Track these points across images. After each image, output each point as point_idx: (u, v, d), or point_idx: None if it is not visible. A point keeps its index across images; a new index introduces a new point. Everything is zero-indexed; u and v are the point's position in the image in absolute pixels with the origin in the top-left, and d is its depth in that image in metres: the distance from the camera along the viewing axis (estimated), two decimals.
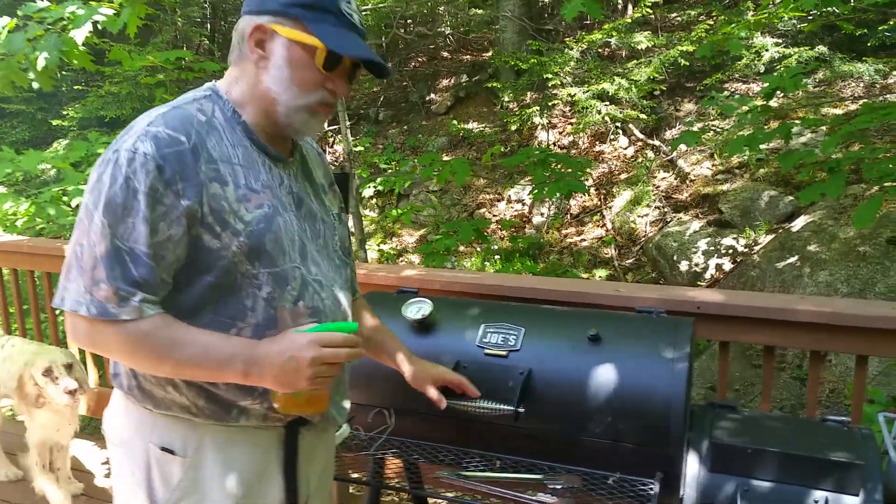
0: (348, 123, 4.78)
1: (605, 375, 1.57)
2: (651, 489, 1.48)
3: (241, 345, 1.13)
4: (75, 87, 10.89)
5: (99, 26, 3.07)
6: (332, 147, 9.08)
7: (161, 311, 1.10)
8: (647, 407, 1.53)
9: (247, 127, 1.19)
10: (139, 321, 1.08)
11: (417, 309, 1.75)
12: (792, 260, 4.61)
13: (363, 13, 8.20)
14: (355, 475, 1.68)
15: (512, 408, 1.52)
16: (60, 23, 3.08)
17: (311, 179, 1.33)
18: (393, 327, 1.64)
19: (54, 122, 10.04)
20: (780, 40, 6.82)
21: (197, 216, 1.10)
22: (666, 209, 6.36)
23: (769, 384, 2.08)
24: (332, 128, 8.63)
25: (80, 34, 2.86)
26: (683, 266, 5.53)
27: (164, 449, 1.18)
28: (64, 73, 11.49)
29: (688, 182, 6.54)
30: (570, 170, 4.16)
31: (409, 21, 10.29)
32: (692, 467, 1.56)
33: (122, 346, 1.10)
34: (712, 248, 5.49)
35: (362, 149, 8.81)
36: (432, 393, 1.51)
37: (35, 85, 3.02)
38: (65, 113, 9.89)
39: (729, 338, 2.05)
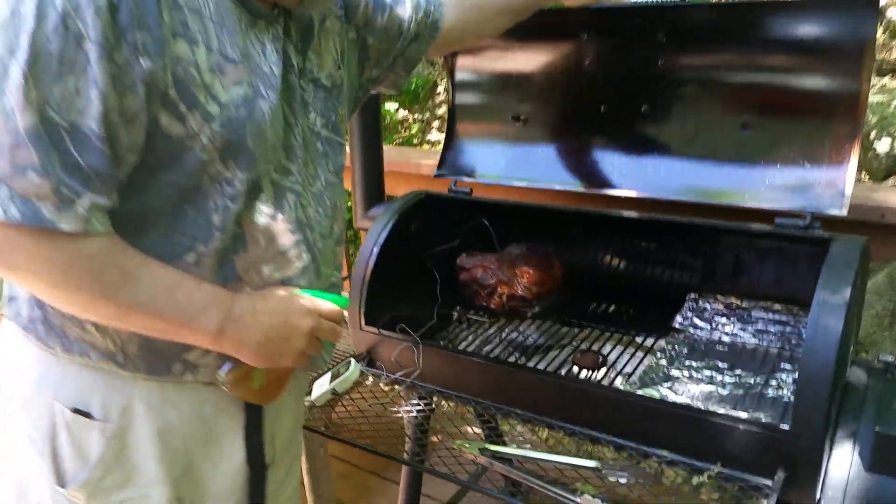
0: None
1: None
2: (765, 492, 0.99)
3: (217, 294, 0.86)
4: None
5: None
6: None
7: (111, 231, 0.79)
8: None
9: None
10: (84, 239, 0.76)
11: None
12: None
13: None
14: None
15: None
16: None
17: (302, 25, 0.97)
18: None
19: None
20: None
21: (159, 86, 0.77)
22: None
23: None
24: None
25: None
26: (882, 146, 4.41)
27: (76, 411, 0.89)
28: None
29: None
30: None
31: None
32: (840, 463, 1.03)
33: (53, 271, 0.78)
34: None
35: None
36: None
37: None
38: None
39: None
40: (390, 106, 6.04)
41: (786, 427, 1.00)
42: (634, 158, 1.42)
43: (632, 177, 1.41)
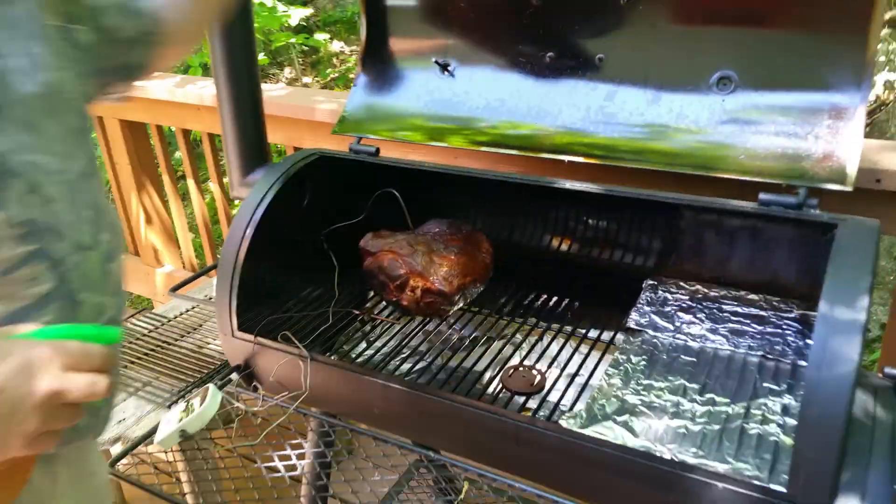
0: None
1: None
2: None
3: None
4: None
5: None
6: None
7: None
8: None
9: None
10: None
11: None
12: None
13: None
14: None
15: None
16: None
17: None
18: None
19: None
20: None
21: None
22: None
23: None
24: None
25: None
26: None
27: None
28: None
29: None
30: None
31: None
32: None
33: None
34: (883, 58, 4.10)
35: None
36: None
37: None
38: None
39: None
40: (321, 37, 5.49)
41: (780, 489, 0.75)
42: (584, 117, 1.11)
43: (580, 139, 1.10)
